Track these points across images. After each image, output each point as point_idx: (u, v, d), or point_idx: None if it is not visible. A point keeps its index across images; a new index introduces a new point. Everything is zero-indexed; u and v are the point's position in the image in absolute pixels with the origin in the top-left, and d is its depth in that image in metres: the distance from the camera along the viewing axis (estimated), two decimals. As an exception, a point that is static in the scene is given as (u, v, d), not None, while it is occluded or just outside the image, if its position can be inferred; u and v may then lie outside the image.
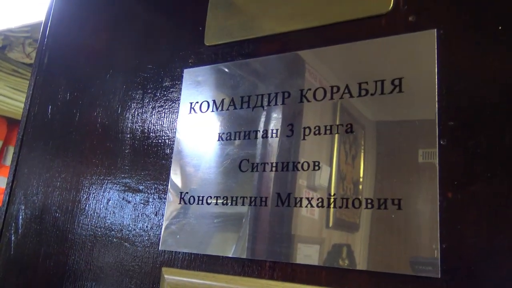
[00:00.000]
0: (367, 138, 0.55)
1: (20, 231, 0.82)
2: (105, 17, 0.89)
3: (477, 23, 0.52)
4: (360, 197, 0.53)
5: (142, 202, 0.70)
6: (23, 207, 0.84)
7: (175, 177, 0.68)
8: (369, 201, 0.52)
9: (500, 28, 0.50)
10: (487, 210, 0.47)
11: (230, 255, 0.59)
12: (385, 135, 0.54)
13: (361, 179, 0.54)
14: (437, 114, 0.51)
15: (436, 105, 0.51)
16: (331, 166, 0.56)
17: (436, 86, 0.52)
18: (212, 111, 0.68)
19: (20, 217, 0.83)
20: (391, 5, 0.57)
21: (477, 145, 0.49)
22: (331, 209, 0.54)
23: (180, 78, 0.73)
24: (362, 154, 0.54)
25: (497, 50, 0.50)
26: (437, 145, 0.50)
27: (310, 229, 0.56)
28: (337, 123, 0.57)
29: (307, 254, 0.55)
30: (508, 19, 0.50)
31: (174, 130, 0.70)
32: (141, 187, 0.71)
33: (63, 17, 0.95)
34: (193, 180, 0.66)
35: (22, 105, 0.95)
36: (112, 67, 0.82)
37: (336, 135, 0.56)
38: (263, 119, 0.63)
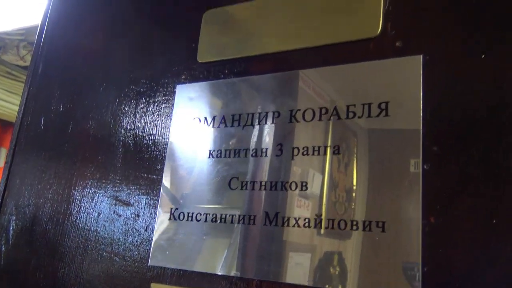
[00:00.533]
0: (355, 161, 0.56)
1: (10, 241, 0.83)
2: (100, 26, 0.89)
3: (461, 51, 0.54)
4: (345, 219, 0.54)
5: (132, 216, 0.71)
6: (14, 218, 0.84)
7: (166, 193, 0.69)
8: (354, 222, 0.53)
9: (483, 56, 0.52)
10: (470, 235, 0.48)
11: (219, 273, 0.60)
12: (371, 159, 0.55)
13: (347, 201, 0.55)
14: (421, 139, 0.52)
15: (421, 130, 0.53)
16: (318, 187, 0.57)
17: (421, 111, 0.53)
18: (204, 128, 0.69)
19: (11, 228, 0.84)
20: (379, 29, 0.59)
21: (460, 171, 0.50)
22: (318, 230, 0.55)
23: (172, 94, 0.74)
24: (349, 176, 0.56)
25: (481, 78, 0.52)
26: (421, 170, 0.51)
27: (297, 249, 0.56)
28: (325, 144, 0.58)
29: (295, 274, 0.56)
30: (491, 48, 0.52)
31: (165, 146, 0.71)
32: (132, 202, 0.72)
33: (58, 26, 0.95)
34: (183, 196, 0.67)
35: (15, 108, 0.95)
36: (105, 80, 0.83)
37: (324, 157, 0.58)
38: (253, 137, 0.64)
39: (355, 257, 0.52)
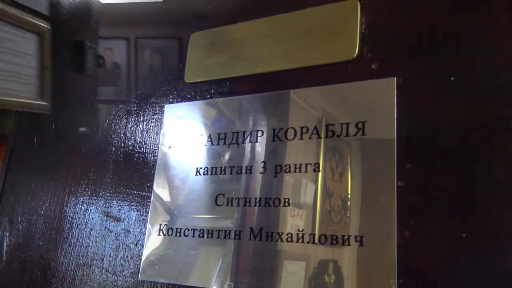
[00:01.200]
0: (334, 178, 0.59)
1: (4, 258, 0.84)
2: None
3: (432, 74, 0.57)
4: (326, 233, 0.56)
5: (123, 232, 0.73)
6: (7, 234, 0.86)
7: (155, 209, 0.71)
8: (333, 237, 0.56)
9: (452, 79, 0.55)
10: (442, 249, 0.51)
11: (206, 286, 0.62)
12: (350, 177, 0.58)
13: (327, 218, 0.57)
14: (396, 157, 0.55)
15: (395, 148, 0.55)
16: (301, 203, 0.60)
17: (396, 131, 0.56)
18: (191, 146, 0.71)
19: (5, 244, 0.85)
20: (356, 52, 0.62)
21: (433, 187, 0.53)
22: (300, 244, 0.58)
23: (161, 113, 0.76)
24: (329, 193, 0.58)
25: (450, 98, 0.55)
26: (396, 186, 0.54)
27: (281, 263, 0.59)
28: (306, 162, 0.61)
29: (283, 286, 0.58)
30: (459, 72, 0.55)
31: (155, 163, 0.74)
32: (122, 217, 0.74)
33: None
34: (171, 212, 0.69)
35: (9, 120, 0.98)
36: (96, 99, 0.85)
37: (305, 174, 0.60)
38: (237, 155, 0.66)
39: (339, 271, 0.55)
